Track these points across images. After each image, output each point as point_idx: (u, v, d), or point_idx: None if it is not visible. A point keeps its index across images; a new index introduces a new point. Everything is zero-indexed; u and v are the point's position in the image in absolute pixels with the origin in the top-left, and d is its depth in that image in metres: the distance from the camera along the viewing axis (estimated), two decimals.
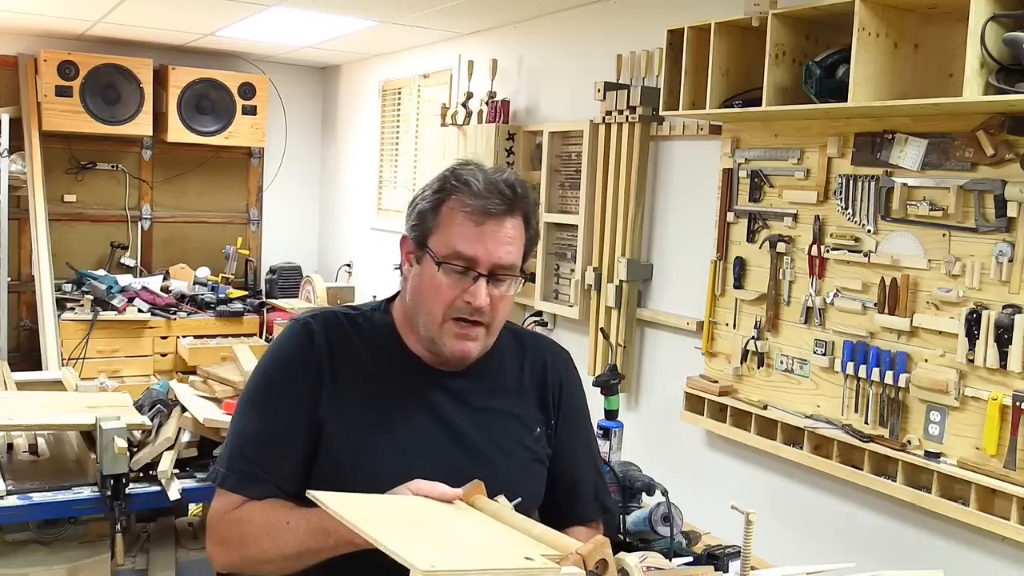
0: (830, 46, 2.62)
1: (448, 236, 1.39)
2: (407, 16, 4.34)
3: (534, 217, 1.46)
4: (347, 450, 1.41)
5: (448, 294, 1.39)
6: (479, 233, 1.38)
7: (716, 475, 3.23)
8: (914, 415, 2.51)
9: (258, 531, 1.35)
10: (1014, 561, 2.34)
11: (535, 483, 1.55)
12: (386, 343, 1.49)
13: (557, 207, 3.98)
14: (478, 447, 1.47)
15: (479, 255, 1.38)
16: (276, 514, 1.35)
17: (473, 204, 1.38)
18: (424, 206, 1.43)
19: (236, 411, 1.49)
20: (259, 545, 1.35)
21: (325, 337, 1.45)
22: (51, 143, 5.53)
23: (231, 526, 1.39)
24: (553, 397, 1.58)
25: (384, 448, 1.42)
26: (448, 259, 1.39)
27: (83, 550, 2.22)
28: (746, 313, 3.03)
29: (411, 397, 1.46)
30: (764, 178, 2.95)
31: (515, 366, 1.57)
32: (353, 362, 1.45)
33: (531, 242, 1.46)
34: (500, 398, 1.53)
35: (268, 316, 5.76)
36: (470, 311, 1.40)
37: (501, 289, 1.41)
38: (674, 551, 1.96)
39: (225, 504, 1.41)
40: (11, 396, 2.66)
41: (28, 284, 5.42)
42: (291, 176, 6.50)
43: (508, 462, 1.50)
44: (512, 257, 1.41)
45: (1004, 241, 2.29)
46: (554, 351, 1.64)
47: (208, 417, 2.30)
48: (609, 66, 3.65)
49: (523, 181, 1.46)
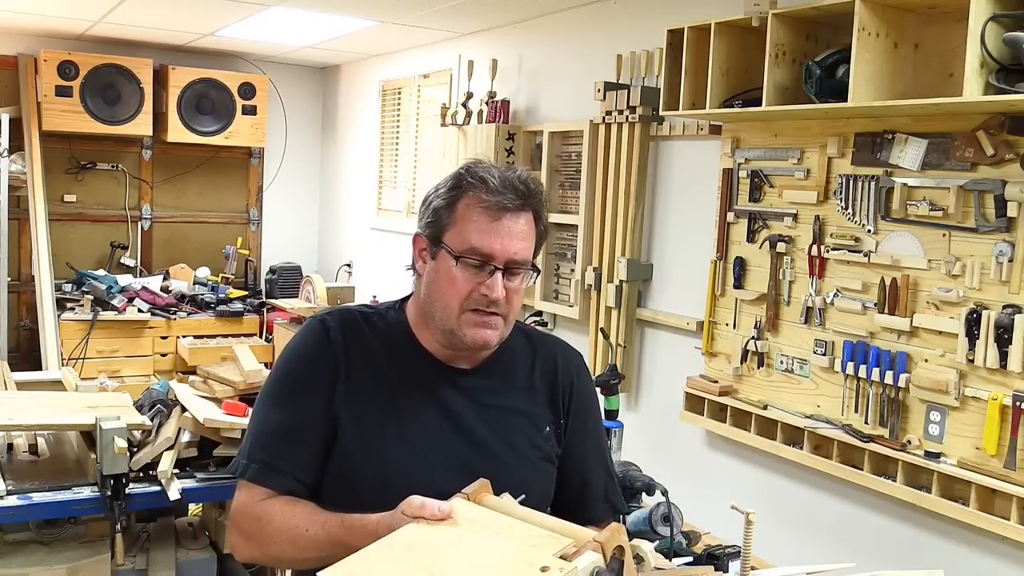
0: (830, 46, 2.62)
1: (464, 232, 1.43)
2: (407, 16, 4.34)
3: (544, 213, 1.51)
4: (358, 442, 1.44)
5: (465, 287, 1.43)
6: (495, 228, 1.42)
7: (716, 475, 3.23)
8: (914, 415, 2.51)
9: (278, 533, 1.39)
10: (1014, 561, 2.34)
11: (544, 481, 1.56)
12: (400, 340, 1.52)
13: (557, 207, 3.98)
14: (487, 443, 1.49)
15: (495, 250, 1.42)
16: (296, 518, 1.38)
17: (489, 200, 1.42)
18: (439, 203, 1.47)
19: (256, 405, 1.54)
20: (280, 547, 1.39)
21: (341, 333, 1.49)
22: (51, 143, 5.53)
23: (253, 521, 1.42)
24: (564, 397, 1.60)
25: (394, 442, 1.45)
26: (465, 254, 1.42)
27: (83, 550, 2.22)
28: (746, 313, 3.03)
29: (422, 393, 1.49)
30: (764, 178, 2.95)
31: (526, 365, 1.59)
32: (367, 358, 1.49)
33: (541, 237, 1.51)
34: (511, 396, 1.55)
35: (268, 316, 5.76)
36: (487, 303, 1.43)
37: (515, 282, 1.46)
38: (674, 551, 1.96)
39: (248, 497, 1.45)
40: (11, 396, 2.66)
41: (28, 284, 5.43)
42: (291, 176, 6.50)
43: (517, 459, 1.51)
44: (526, 252, 1.46)
45: (1004, 241, 2.29)
46: (565, 351, 1.66)
47: (208, 417, 2.30)
48: (609, 66, 3.65)
49: (535, 178, 1.50)
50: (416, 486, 1.27)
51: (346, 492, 1.43)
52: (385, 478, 1.41)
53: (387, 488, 1.34)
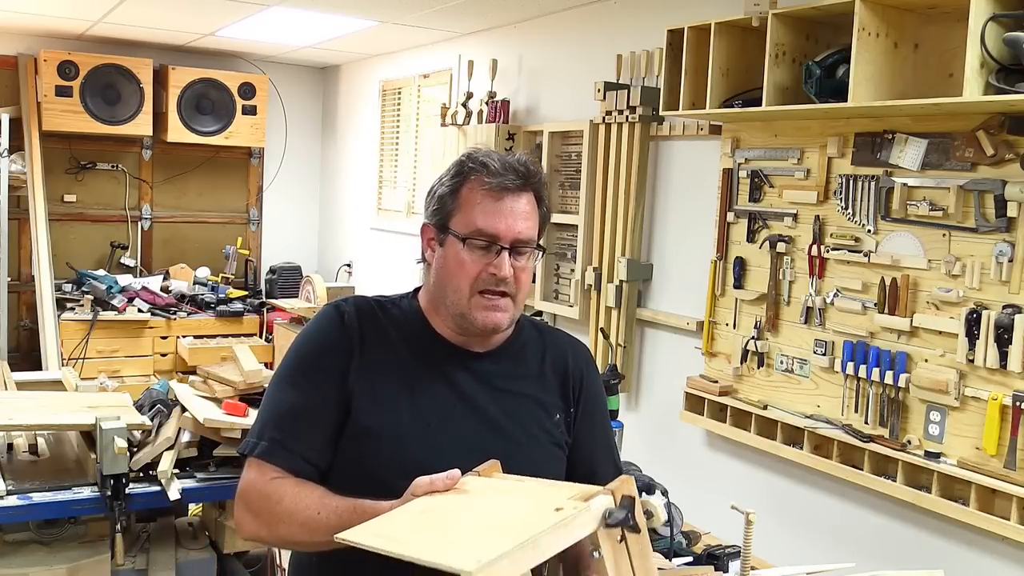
0: (830, 46, 2.62)
1: (470, 215, 1.47)
2: (407, 16, 4.34)
3: (546, 195, 1.54)
4: (373, 416, 1.46)
5: (473, 268, 1.47)
6: (498, 209, 1.46)
7: (716, 475, 3.23)
8: (914, 415, 2.51)
9: (288, 514, 1.40)
10: (1014, 561, 2.34)
11: (554, 465, 1.57)
12: (414, 326, 1.56)
13: (557, 207, 3.97)
14: (500, 424, 1.52)
15: (500, 230, 1.46)
16: (307, 500, 1.39)
17: (491, 182, 1.47)
18: (443, 191, 1.51)
19: (268, 388, 1.56)
20: (289, 528, 1.40)
21: (356, 318, 1.53)
22: (51, 143, 5.53)
23: (263, 499, 1.43)
24: (573, 388, 1.62)
25: (408, 419, 1.47)
26: (472, 236, 1.46)
27: (83, 550, 2.22)
28: (746, 313, 3.03)
29: (435, 374, 1.52)
30: (764, 178, 2.95)
31: (537, 356, 1.62)
32: (382, 340, 1.52)
33: (545, 219, 1.54)
34: (521, 382, 1.58)
35: (268, 316, 5.76)
36: (495, 282, 1.47)
37: (522, 261, 1.50)
38: (674, 551, 1.96)
39: (257, 475, 1.45)
40: (11, 396, 2.66)
41: (28, 284, 5.43)
42: (291, 176, 6.50)
43: (529, 441, 1.54)
44: (531, 231, 1.50)
45: (1004, 241, 2.29)
46: (575, 346, 1.69)
47: (208, 417, 2.30)
48: (609, 66, 3.65)
49: (534, 161, 1.55)
50: (428, 464, 1.29)
51: (358, 471, 1.44)
52: (398, 455, 1.43)
53: (400, 465, 1.37)
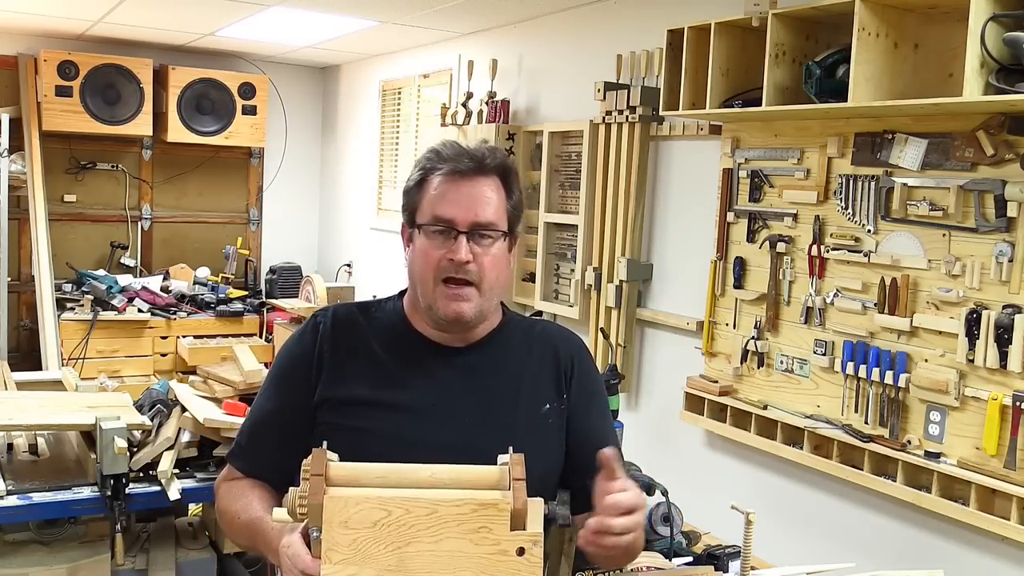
0: (830, 46, 2.62)
1: (428, 204, 1.49)
2: (407, 16, 4.34)
3: (516, 185, 1.53)
4: (350, 421, 1.49)
5: (434, 256, 1.47)
6: (454, 194, 1.47)
7: (716, 475, 3.23)
8: (914, 415, 2.51)
9: (221, 513, 1.56)
10: (1014, 561, 2.34)
11: (541, 455, 1.50)
12: (395, 326, 1.58)
13: (557, 207, 3.98)
14: (481, 416, 1.51)
15: (456, 215, 1.46)
16: (236, 503, 1.51)
17: (444, 168, 1.48)
18: (409, 185, 1.55)
19: None
20: (223, 524, 1.57)
21: (331, 327, 1.56)
22: (51, 143, 5.53)
23: (217, 499, 1.60)
24: (565, 377, 1.60)
25: (387, 419, 1.48)
26: (429, 223, 1.48)
27: (83, 550, 2.22)
28: (746, 313, 3.03)
29: (416, 372, 1.53)
30: (764, 178, 2.95)
31: (523, 347, 1.60)
32: (358, 344, 1.55)
33: (516, 207, 1.53)
34: (506, 375, 1.56)
35: (268, 316, 5.76)
36: (454, 269, 1.45)
37: (484, 246, 1.47)
38: (674, 551, 1.96)
39: (222, 475, 1.61)
40: (11, 396, 2.66)
41: (28, 284, 5.42)
42: (291, 176, 6.50)
43: (514, 431, 1.50)
44: (491, 214, 1.47)
45: (1004, 241, 2.29)
46: (565, 336, 1.68)
47: (208, 417, 2.30)
48: (609, 66, 3.65)
49: (498, 149, 1.56)
50: (409, 461, 1.29)
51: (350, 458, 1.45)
52: (376, 455, 1.40)
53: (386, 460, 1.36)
